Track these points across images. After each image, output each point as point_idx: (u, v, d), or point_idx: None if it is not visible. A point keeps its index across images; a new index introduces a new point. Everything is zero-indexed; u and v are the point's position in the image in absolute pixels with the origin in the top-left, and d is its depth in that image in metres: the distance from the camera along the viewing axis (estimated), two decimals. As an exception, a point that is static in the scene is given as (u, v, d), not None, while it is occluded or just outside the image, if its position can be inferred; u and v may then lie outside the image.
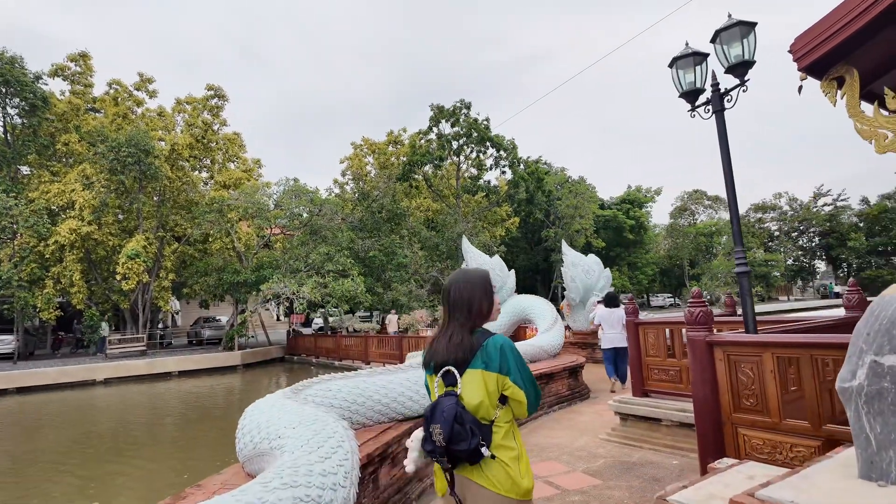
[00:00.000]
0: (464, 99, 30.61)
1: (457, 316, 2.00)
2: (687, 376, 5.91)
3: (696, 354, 3.24)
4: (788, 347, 2.82)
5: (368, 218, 27.97)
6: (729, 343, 3.07)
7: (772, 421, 2.87)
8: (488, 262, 12.77)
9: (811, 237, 63.56)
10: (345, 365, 20.45)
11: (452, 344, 1.95)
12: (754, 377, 2.94)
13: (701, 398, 3.22)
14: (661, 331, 6.24)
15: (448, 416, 1.80)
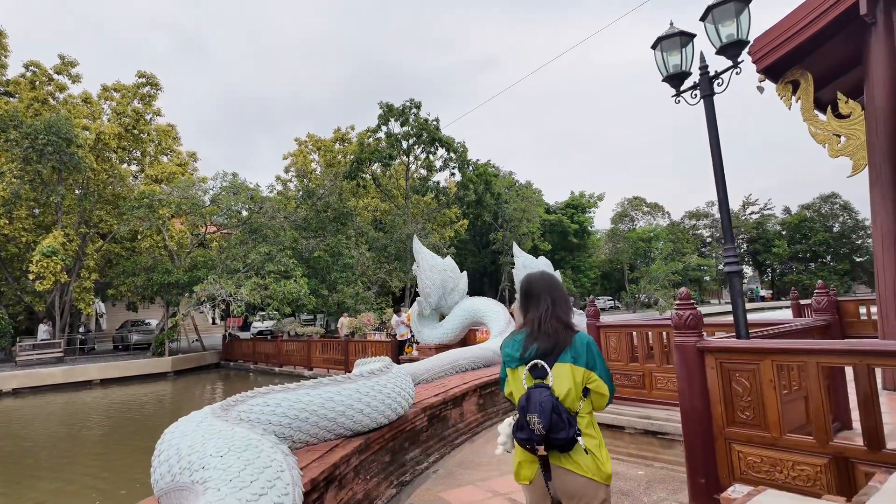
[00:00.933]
0: (413, 98, 30.16)
1: (542, 306, 2.20)
2: (650, 381, 5.69)
3: (684, 362, 2.93)
4: (791, 354, 2.55)
5: (313, 217, 26.91)
6: (723, 349, 2.78)
7: (771, 436, 2.60)
8: (440, 264, 12.35)
9: (740, 244, 67.38)
10: (286, 371, 19.44)
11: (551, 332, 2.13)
12: (751, 387, 2.66)
13: (689, 410, 2.91)
14: (623, 334, 6.01)
15: (546, 406, 1.97)
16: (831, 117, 6.42)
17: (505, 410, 8.22)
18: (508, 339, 2.33)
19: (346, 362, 15.75)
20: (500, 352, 2.39)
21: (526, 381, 2.13)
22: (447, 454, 6.37)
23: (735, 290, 3.34)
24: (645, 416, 5.51)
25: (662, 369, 5.59)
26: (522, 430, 2.07)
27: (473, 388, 7.47)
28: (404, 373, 5.83)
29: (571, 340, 2.14)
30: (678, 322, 2.98)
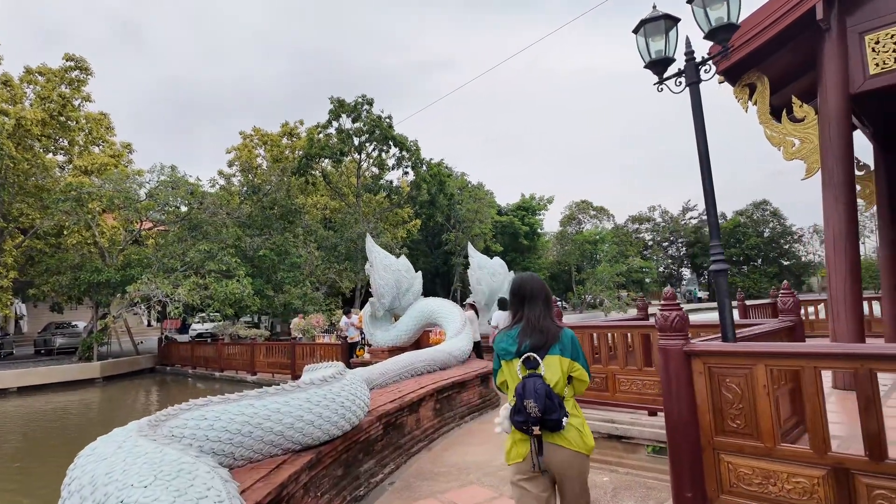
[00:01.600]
0: (366, 95, 29.48)
1: (536, 306, 2.51)
2: (613, 384, 5.55)
3: (670, 367, 2.72)
4: (788, 359, 2.39)
5: (258, 213, 25.75)
6: (712, 353, 2.58)
7: (764, 446, 2.42)
8: (394, 264, 11.94)
9: (679, 247, 70.47)
10: (227, 376, 18.43)
11: (546, 329, 2.44)
12: (742, 394, 2.47)
13: (675, 418, 2.70)
14: (585, 335, 5.84)
15: (541, 393, 2.28)
16: (786, 121, 6.53)
17: (462, 415, 7.94)
18: (502, 335, 2.61)
19: (292, 366, 15.03)
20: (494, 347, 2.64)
21: (520, 371, 2.43)
22: (403, 464, 6.00)
23: (721, 291, 3.18)
24: (608, 419, 5.35)
25: (626, 371, 5.46)
26: (520, 413, 2.36)
27: (430, 393, 7.14)
28: (359, 379, 5.43)
29: (559, 335, 2.48)
30: (663, 324, 2.76)
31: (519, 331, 2.51)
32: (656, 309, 14.78)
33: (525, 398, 2.32)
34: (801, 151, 6.38)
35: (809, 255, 63.49)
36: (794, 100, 6.44)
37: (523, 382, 2.37)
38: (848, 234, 5.96)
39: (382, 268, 11.64)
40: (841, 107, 6.06)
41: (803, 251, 63.22)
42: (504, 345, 2.55)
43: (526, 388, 2.34)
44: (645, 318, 7.80)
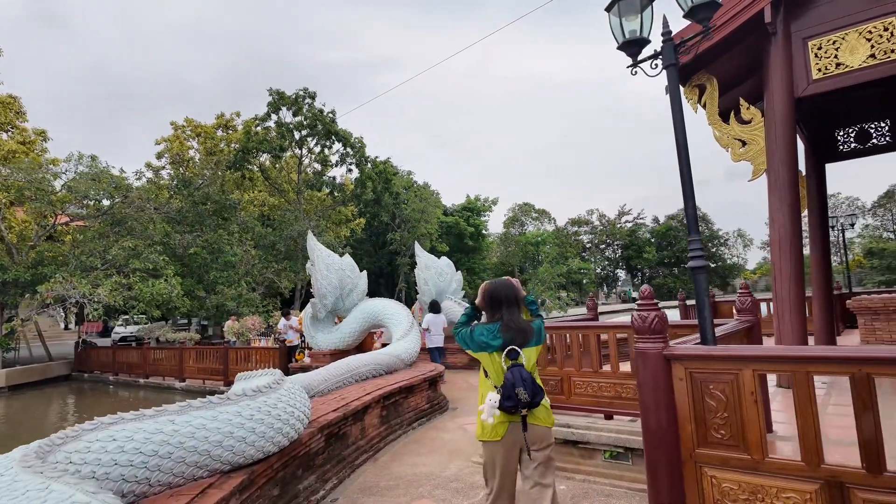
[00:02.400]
0: (307, 88, 28.41)
1: (511, 308, 2.97)
2: (569, 387, 5.35)
3: (648, 372, 2.48)
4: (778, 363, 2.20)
5: (189, 209, 24.16)
6: (694, 357, 2.37)
7: (751, 458, 2.22)
8: (337, 263, 11.38)
9: (615, 249, 73.09)
10: (153, 383, 17.11)
11: (524, 327, 2.93)
12: (727, 401, 2.27)
13: (653, 428, 2.47)
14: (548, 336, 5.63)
15: (528, 380, 2.78)
16: (734, 122, 6.60)
17: (410, 421, 7.56)
18: (482, 329, 2.97)
19: (225, 372, 14.07)
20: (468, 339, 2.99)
21: (504, 362, 2.81)
22: (347, 478, 5.56)
23: (701, 289, 2.99)
24: (564, 424, 5.15)
25: (581, 374, 5.28)
26: (510, 399, 2.70)
27: (376, 400, 6.71)
28: (298, 387, 4.94)
29: (534, 330, 2.96)
30: (641, 325, 2.52)
31: (499, 328, 2.90)
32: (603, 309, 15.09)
33: (516, 386, 2.71)
34: (748, 153, 6.46)
35: (734, 258, 67.56)
36: (742, 102, 6.51)
37: (511, 372, 2.78)
38: (792, 235, 6.07)
39: (325, 267, 11.06)
40: (786, 110, 6.17)
41: (728, 254, 67.19)
42: (485, 339, 2.92)
43: (515, 377, 2.74)
44: (594, 318, 7.73)
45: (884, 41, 5.62)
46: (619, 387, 5.01)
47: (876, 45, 5.64)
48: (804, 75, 6.07)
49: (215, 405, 3.88)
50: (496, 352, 2.89)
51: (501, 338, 2.89)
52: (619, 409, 5.01)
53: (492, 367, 2.91)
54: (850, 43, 5.81)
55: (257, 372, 5.25)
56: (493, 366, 2.90)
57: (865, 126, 9.35)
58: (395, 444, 6.75)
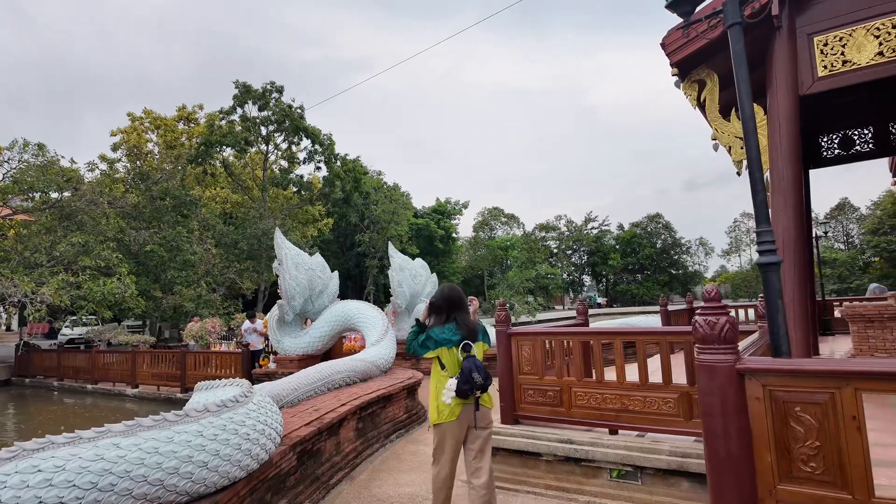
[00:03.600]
0: (275, 81, 27.38)
1: (462, 310, 3.58)
2: (570, 398, 4.91)
3: (715, 389, 2.04)
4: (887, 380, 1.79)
5: (147, 204, 22.81)
6: (775, 372, 1.94)
7: (853, 499, 1.80)
8: (307, 262, 10.69)
9: (581, 255, 74.00)
10: (102, 389, 15.90)
11: (474, 326, 3.55)
12: (819, 427, 1.85)
13: (721, 457, 2.03)
14: (538, 342, 5.18)
15: (481, 367, 3.34)
16: (735, 120, 6.34)
17: (388, 433, 6.99)
18: (440, 329, 3.46)
19: (182, 378, 13.12)
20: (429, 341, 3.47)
21: (460, 354, 3.37)
22: (321, 500, 4.96)
23: (772, 290, 2.57)
24: (566, 439, 4.70)
25: (584, 384, 4.85)
26: (467, 383, 3.24)
27: (352, 411, 6.12)
28: (269, 400, 4.33)
29: (479, 328, 3.59)
30: (709, 333, 2.08)
31: (455, 326, 3.47)
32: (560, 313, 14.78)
33: (473, 372, 3.25)
34: (749, 152, 6.17)
35: (696, 266, 69.29)
36: (744, 99, 6.22)
37: (467, 362, 3.31)
38: (797, 238, 5.81)
39: (293, 266, 10.36)
40: (790, 107, 5.93)
41: (690, 262, 68.88)
42: (446, 336, 3.44)
43: (471, 365, 3.28)
44: (585, 323, 7.34)
45: (892, 39, 5.43)
46: (626, 398, 4.60)
47: (884, 42, 5.45)
48: (809, 72, 5.84)
49: (171, 424, 3.25)
50: (454, 346, 3.41)
51: (459, 334, 3.45)
52: (625, 424, 4.59)
53: (449, 360, 3.42)
54: (857, 40, 5.60)
55: (221, 382, 4.61)
56: (451, 358, 3.42)
57: (849, 132, 9.33)
58: (372, 460, 6.17)
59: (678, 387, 4.38)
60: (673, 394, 4.39)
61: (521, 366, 5.23)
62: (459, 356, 3.38)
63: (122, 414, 13.39)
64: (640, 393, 4.54)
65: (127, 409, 14.08)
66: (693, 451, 4.11)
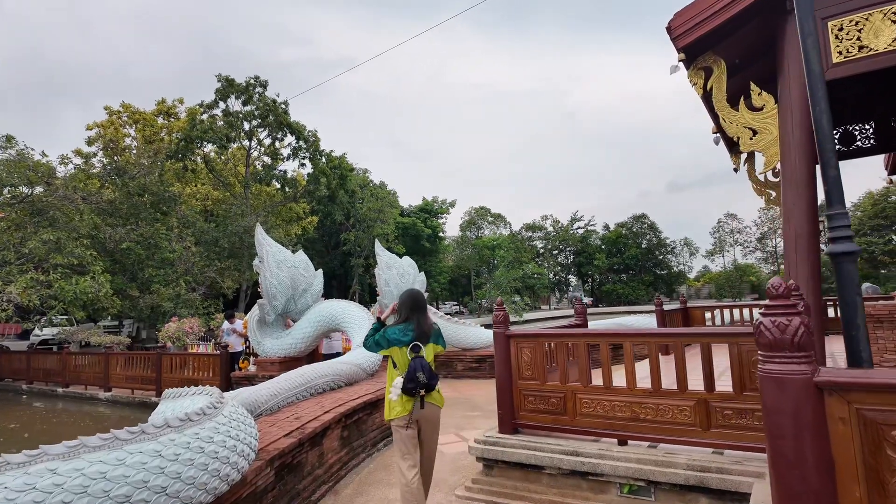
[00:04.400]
0: (259, 76, 26.68)
1: (422, 313, 3.81)
2: (574, 405, 4.52)
3: (786, 407, 1.66)
4: None
5: (124, 200, 22.00)
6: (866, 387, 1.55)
7: (968, 546, 1.44)
8: (290, 259, 10.19)
9: (567, 255, 74.08)
10: (74, 393, 15.19)
11: (428, 329, 3.75)
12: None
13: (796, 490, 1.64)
14: (539, 345, 4.79)
15: (426, 367, 3.54)
16: (744, 109, 6.00)
17: (374, 442, 6.54)
18: (394, 329, 3.73)
19: (158, 381, 12.50)
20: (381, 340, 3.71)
21: (409, 354, 3.58)
22: (302, 519, 4.51)
23: (850, 284, 2.19)
24: (571, 451, 4.30)
25: (590, 390, 4.47)
26: (412, 381, 3.49)
27: (337, 419, 5.67)
28: (242, 411, 3.87)
29: (433, 331, 3.80)
30: (776, 338, 1.69)
31: (412, 327, 3.67)
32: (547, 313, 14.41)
33: (417, 372, 3.47)
34: (759, 143, 5.87)
35: (680, 266, 69.72)
36: (753, 86, 5.92)
37: (413, 362, 3.51)
38: (810, 234, 5.48)
39: (275, 264, 9.85)
40: (803, 96, 5.59)
41: (675, 262, 69.29)
42: (397, 336, 3.64)
43: (416, 366, 3.49)
44: (584, 324, 6.97)
45: (912, 23, 5.13)
46: (637, 406, 4.22)
47: (903, 27, 5.15)
48: (824, 59, 5.51)
49: (123, 443, 2.78)
50: (405, 346, 3.60)
51: (411, 335, 3.64)
52: (636, 434, 4.22)
53: (400, 359, 3.62)
54: (874, 24, 5.30)
55: (189, 389, 4.14)
56: (401, 357, 3.61)
57: (850, 128, 9.09)
58: (359, 471, 5.72)
59: (695, 393, 4.02)
60: (689, 401, 4.03)
61: (520, 370, 4.83)
62: (409, 356, 3.56)
63: (94, 419, 12.74)
64: (652, 400, 4.18)
65: (99, 413, 13.42)
66: (713, 465, 3.75)
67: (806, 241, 5.51)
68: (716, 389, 3.95)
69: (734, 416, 3.86)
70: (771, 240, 63.31)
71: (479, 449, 4.76)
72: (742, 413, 3.83)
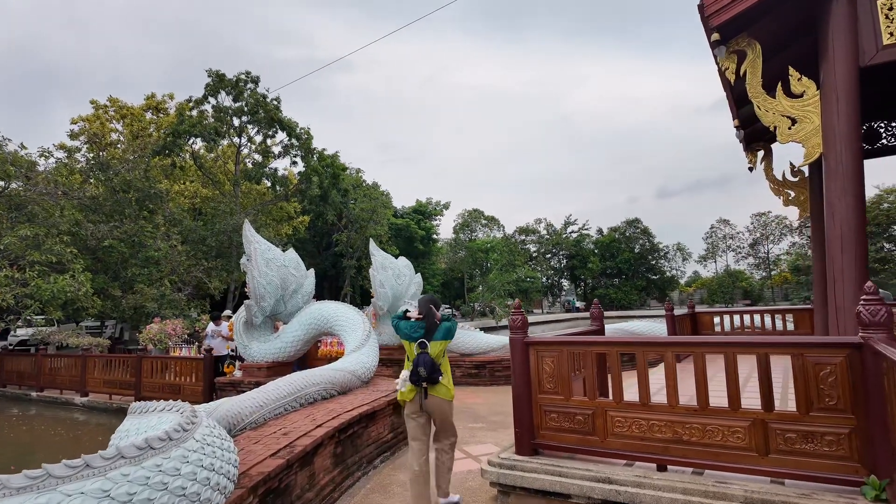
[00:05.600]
0: (250, 71, 25.99)
1: (431, 313, 4.26)
2: (605, 424, 3.95)
3: None
4: None
5: (108, 196, 21.19)
6: None
7: None
8: (280, 258, 9.56)
9: (560, 259, 73.74)
10: (48, 397, 14.39)
11: (430, 327, 4.21)
12: None
13: None
14: (564, 354, 4.21)
15: (428, 362, 4.04)
16: (782, 96, 5.49)
17: (370, 458, 5.94)
18: (408, 324, 4.28)
19: (138, 386, 11.78)
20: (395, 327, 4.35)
21: (416, 349, 4.13)
22: (290, 555, 3.89)
23: None
24: (604, 477, 3.73)
25: (624, 406, 3.90)
26: (415, 374, 4.06)
27: (330, 434, 5.06)
28: (218, 432, 3.25)
29: (438, 329, 4.23)
30: None
31: (423, 325, 4.23)
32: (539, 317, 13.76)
33: (419, 366, 4.05)
34: (799, 133, 5.34)
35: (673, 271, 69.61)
36: (792, 71, 5.40)
37: (418, 357, 4.09)
38: (857, 230, 4.98)
39: (264, 262, 9.22)
40: (849, 82, 5.09)
41: (668, 267, 69.17)
42: (408, 332, 4.25)
43: (420, 360, 4.07)
44: (601, 329, 6.41)
45: (971, 0, 4.64)
46: (679, 426, 3.66)
47: (962, 4, 4.65)
48: (872, 40, 5.02)
49: (60, 482, 2.15)
50: (414, 342, 4.15)
51: (419, 332, 4.16)
52: (677, 458, 3.65)
53: (410, 352, 4.19)
54: (928, 2, 4.80)
55: (158, 404, 3.52)
56: (411, 351, 4.18)
57: (874, 125, 8.66)
58: (353, 493, 5.11)
59: (750, 413, 3.46)
60: (743, 422, 3.47)
61: (541, 382, 4.25)
62: (416, 351, 4.11)
63: (68, 427, 11.98)
64: (698, 420, 3.61)
65: (74, 420, 12.66)
66: (777, 499, 3.18)
67: (854, 239, 5.00)
68: (776, 408, 3.40)
69: (798, 441, 3.30)
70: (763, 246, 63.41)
71: (494, 473, 4.17)
72: (808, 437, 3.28)
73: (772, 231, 62.92)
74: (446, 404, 4.19)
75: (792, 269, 58.42)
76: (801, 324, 10.82)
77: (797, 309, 11.18)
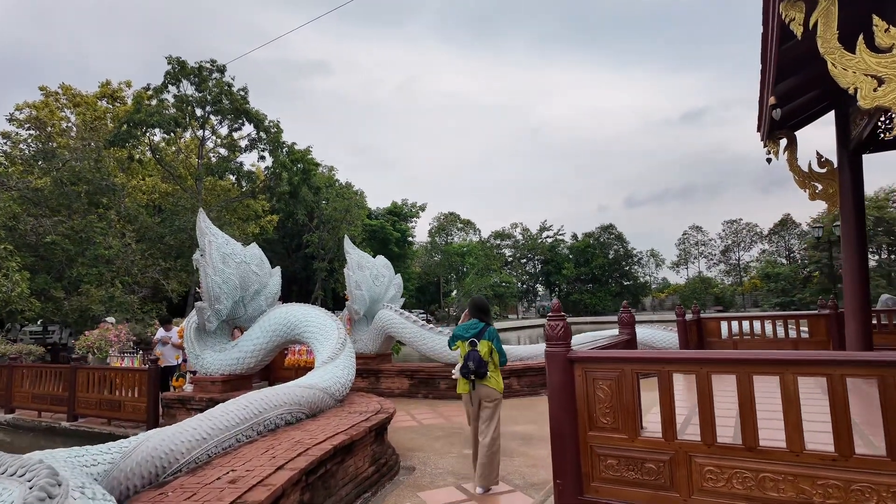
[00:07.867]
0: (216, 60, 24.27)
1: (484, 314, 4.89)
2: (689, 474, 2.81)
3: None
4: None
5: (53, 189, 19.21)
6: None
7: None
8: (239, 253, 8.18)
9: (535, 264, 73.29)
10: (-32, 413, 12.47)
11: (481, 329, 4.78)
12: None
13: None
14: (625, 377, 3.03)
15: (476, 358, 4.59)
16: (864, 51, 4.47)
17: (348, 500, 4.63)
18: (462, 326, 4.95)
19: (71, 401, 10.11)
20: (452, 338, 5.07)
21: (468, 347, 4.68)
22: None
23: None
24: (695, 556, 2.54)
25: (716, 451, 2.74)
26: (464, 367, 4.63)
27: (295, 480, 3.75)
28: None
29: (486, 331, 4.76)
30: None
31: (472, 325, 4.84)
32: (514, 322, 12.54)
33: (468, 361, 4.60)
34: (888, 94, 4.32)
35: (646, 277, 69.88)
36: (877, 20, 4.39)
37: (469, 354, 4.63)
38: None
39: (220, 258, 7.83)
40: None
41: (641, 273, 69.39)
42: (461, 332, 4.86)
43: (469, 357, 4.62)
44: (632, 339, 5.27)
45: None
46: (806, 480, 2.52)
47: None
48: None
49: None
50: (465, 340, 4.76)
51: (472, 333, 4.77)
52: (808, 529, 2.49)
53: (463, 349, 4.79)
54: None
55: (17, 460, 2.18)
56: (463, 349, 4.77)
57: (907, 112, 7.80)
58: (326, 558, 3.80)
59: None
60: (913, 479, 2.35)
61: (592, 415, 3.07)
62: (467, 347, 4.71)
63: (-14, 449, 10.21)
64: (835, 473, 2.48)
65: (-5, 441, 10.90)
66: None
67: None
68: None
69: None
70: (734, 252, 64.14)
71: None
72: None
73: (742, 238, 63.76)
74: (492, 392, 4.66)
75: (762, 276, 59.17)
76: (815, 331, 10.00)
77: (811, 315, 10.36)
